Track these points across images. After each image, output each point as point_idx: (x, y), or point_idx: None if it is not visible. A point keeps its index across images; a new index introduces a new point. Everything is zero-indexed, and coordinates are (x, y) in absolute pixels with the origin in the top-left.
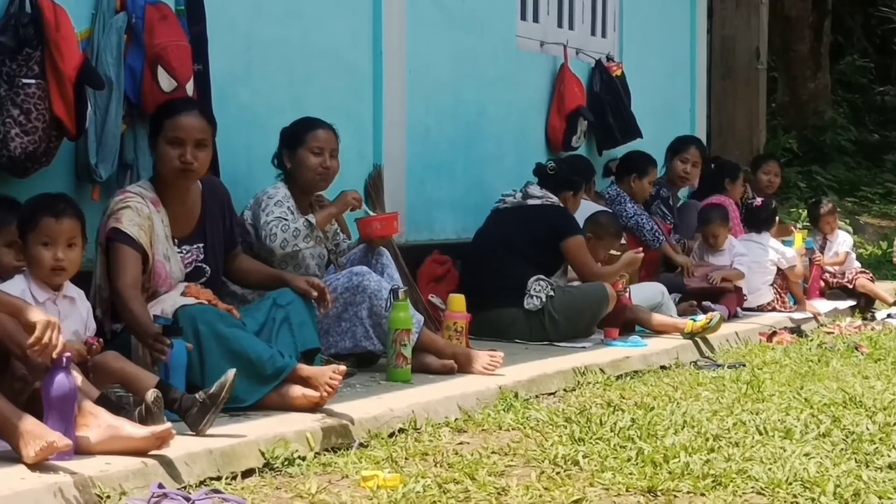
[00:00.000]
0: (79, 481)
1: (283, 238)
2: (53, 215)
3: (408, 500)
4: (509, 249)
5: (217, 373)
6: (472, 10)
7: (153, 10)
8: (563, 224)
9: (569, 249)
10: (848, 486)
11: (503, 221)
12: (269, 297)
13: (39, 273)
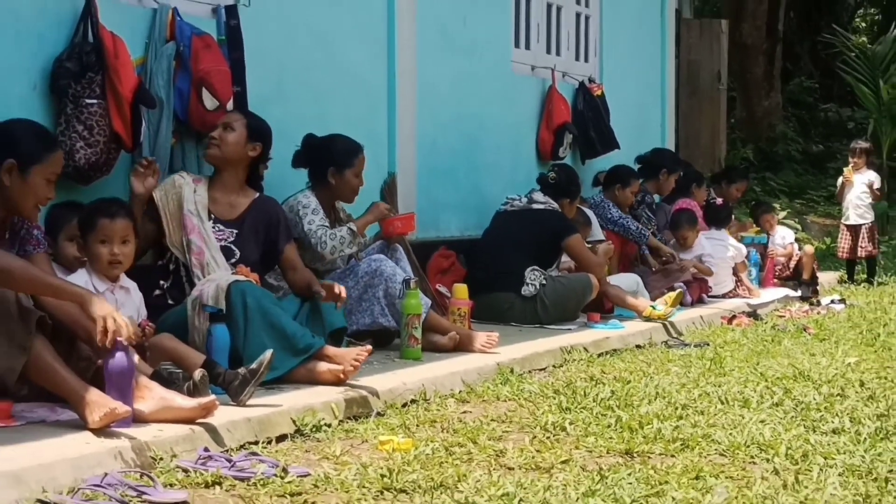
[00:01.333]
0: (136, 446)
1: (333, 245)
2: (109, 216)
3: (419, 461)
4: (514, 246)
5: (257, 340)
6: (473, 38)
7: (198, 39)
8: (563, 226)
9: (570, 247)
10: (798, 448)
11: (509, 222)
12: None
13: (99, 267)
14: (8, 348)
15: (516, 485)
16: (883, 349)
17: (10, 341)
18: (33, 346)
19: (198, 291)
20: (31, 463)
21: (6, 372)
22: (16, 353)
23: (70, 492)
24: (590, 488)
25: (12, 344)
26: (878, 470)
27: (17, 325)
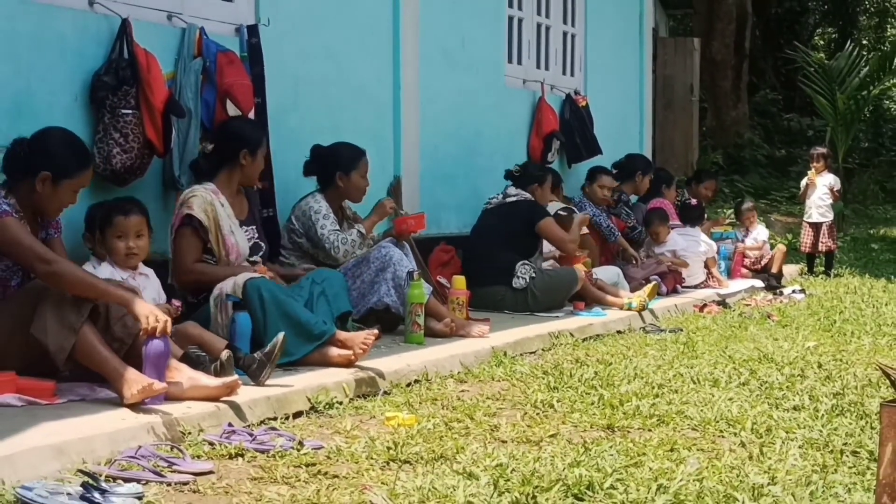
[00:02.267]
0: (167, 421)
1: (345, 249)
2: (123, 214)
3: (421, 435)
4: (497, 240)
5: (275, 330)
6: (470, 55)
7: (223, 56)
8: (534, 212)
9: (542, 230)
10: (762, 423)
11: (491, 219)
12: (309, 277)
13: (117, 259)
14: (59, 330)
15: (509, 456)
16: (839, 334)
17: (60, 324)
18: (82, 329)
19: (219, 289)
20: (72, 437)
21: (57, 351)
22: (66, 335)
23: (107, 463)
24: (575, 459)
25: (63, 326)
26: (834, 443)
27: (69, 310)
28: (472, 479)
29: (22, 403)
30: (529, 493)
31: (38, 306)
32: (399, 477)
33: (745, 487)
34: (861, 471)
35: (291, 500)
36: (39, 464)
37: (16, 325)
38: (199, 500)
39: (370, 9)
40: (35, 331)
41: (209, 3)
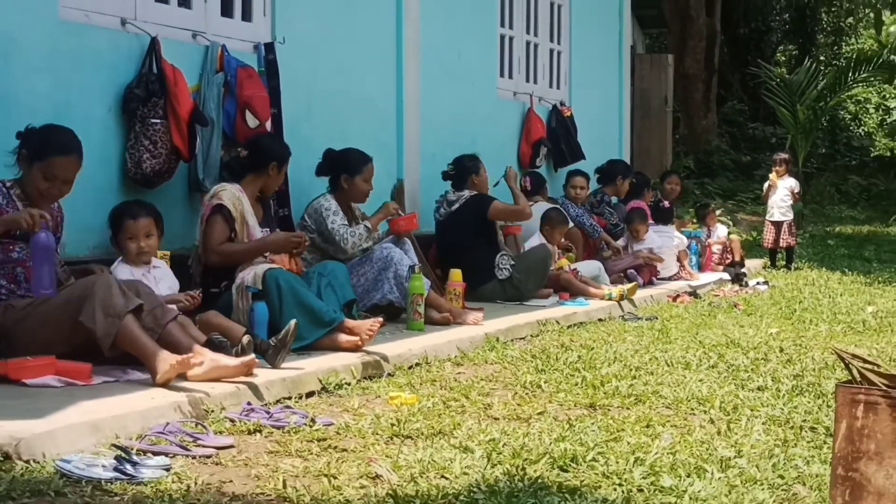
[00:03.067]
0: (192, 400)
1: (353, 242)
2: (132, 217)
3: (422, 412)
4: (468, 244)
5: (290, 316)
6: (466, 69)
7: (242, 71)
8: (481, 204)
9: (494, 214)
10: (729, 402)
11: (448, 229)
12: (315, 269)
13: (130, 258)
14: (105, 318)
15: (501, 432)
16: (799, 322)
17: (106, 314)
18: (125, 318)
19: (240, 279)
20: (106, 414)
21: (104, 336)
22: (112, 323)
23: (138, 438)
24: (561, 435)
25: (108, 315)
26: (794, 419)
27: (116, 301)
28: (468, 452)
29: (61, 384)
30: (519, 465)
31: (86, 298)
32: (402, 451)
33: (713, 460)
34: (818, 445)
35: (304, 472)
36: (77, 439)
37: (63, 315)
38: (221, 472)
39: (375, 28)
40: (84, 319)
41: (230, 23)
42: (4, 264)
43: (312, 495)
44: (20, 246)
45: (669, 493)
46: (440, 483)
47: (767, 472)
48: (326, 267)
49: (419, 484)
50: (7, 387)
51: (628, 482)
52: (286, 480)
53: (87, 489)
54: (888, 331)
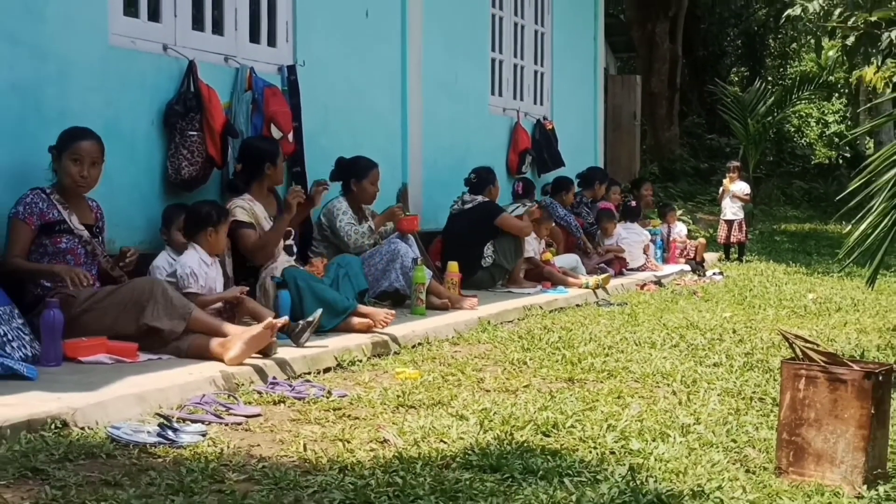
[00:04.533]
0: (224, 375)
1: (355, 238)
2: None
3: (424, 385)
4: (469, 240)
5: (310, 307)
6: (462, 89)
7: (268, 89)
8: (491, 211)
9: (502, 222)
10: (689, 376)
11: (457, 224)
12: (335, 261)
13: (206, 248)
14: (170, 319)
15: (492, 402)
16: (749, 307)
17: (170, 315)
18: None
19: (263, 276)
20: (151, 387)
21: (170, 332)
22: (178, 321)
23: (178, 408)
24: (543, 405)
25: (174, 316)
26: (745, 391)
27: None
28: (463, 420)
29: (111, 361)
30: (508, 431)
31: (148, 302)
32: (406, 419)
33: (675, 426)
34: (766, 413)
35: (322, 437)
36: (125, 409)
37: (123, 313)
38: (250, 437)
39: (383, 53)
40: (148, 319)
41: (257, 48)
42: (55, 255)
43: (329, 457)
44: (66, 237)
45: (638, 455)
46: (439, 446)
47: (722, 437)
48: (344, 259)
49: (421, 447)
50: (64, 364)
51: (602, 445)
52: (306, 444)
53: (134, 452)
54: (826, 315)
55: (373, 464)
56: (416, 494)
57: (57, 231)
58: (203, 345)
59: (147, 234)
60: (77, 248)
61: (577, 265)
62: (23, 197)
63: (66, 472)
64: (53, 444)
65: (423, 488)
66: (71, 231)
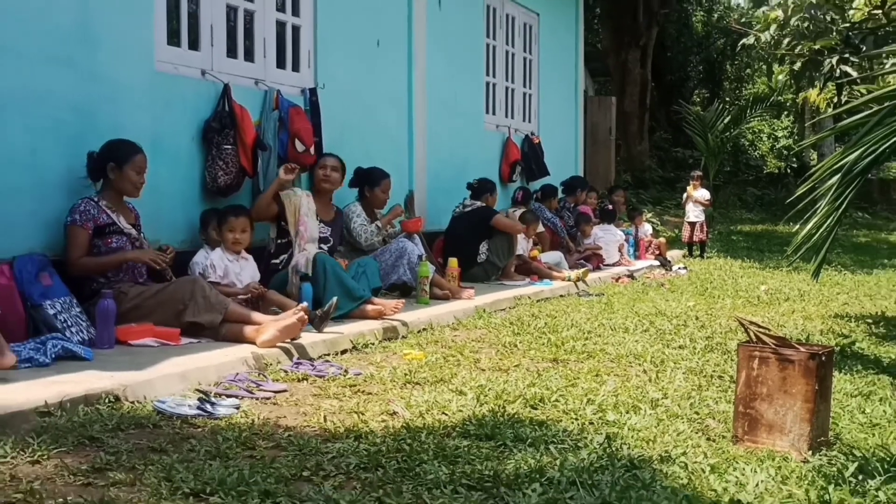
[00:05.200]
0: (255, 356)
1: (365, 237)
2: (234, 215)
3: (428, 365)
4: (468, 239)
5: (331, 291)
6: (461, 108)
7: (293, 109)
8: (487, 214)
9: (496, 223)
10: (658, 357)
11: (458, 224)
12: (356, 262)
13: (227, 246)
14: (208, 313)
15: (487, 380)
16: (710, 297)
17: (209, 311)
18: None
19: (295, 260)
20: (191, 367)
21: (209, 324)
22: (216, 314)
23: (215, 384)
24: (531, 382)
25: (212, 311)
26: (706, 370)
27: (213, 298)
28: (462, 395)
29: (157, 344)
30: (501, 405)
31: (190, 300)
32: (413, 394)
33: (646, 400)
34: (724, 389)
35: (340, 410)
36: (169, 385)
37: (168, 309)
38: (278, 410)
39: (392, 76)
40: (189, 317)
41: (283, 73)
42: (108, 254)
43: (346, 427)
44: (116, 237)
45: (613, 426)
46: (442, 418)
47: (686, 410)
48: (364, 261)
49: (426, 419)
50: (116, 347)
51: (582, 417)
52: (326, 416)
53: (177, 423)
54: (776, 304)
55: (384, 433)
56: (421, 459)
57: (108, 233)
58: (237, 331)
59: (187, 234)
60: (126, 246)
61: (560, 261)
62: (76, 206)
63: (118, 440)
64: (107, 416)
65: (428, 454)
66: (121, 231)
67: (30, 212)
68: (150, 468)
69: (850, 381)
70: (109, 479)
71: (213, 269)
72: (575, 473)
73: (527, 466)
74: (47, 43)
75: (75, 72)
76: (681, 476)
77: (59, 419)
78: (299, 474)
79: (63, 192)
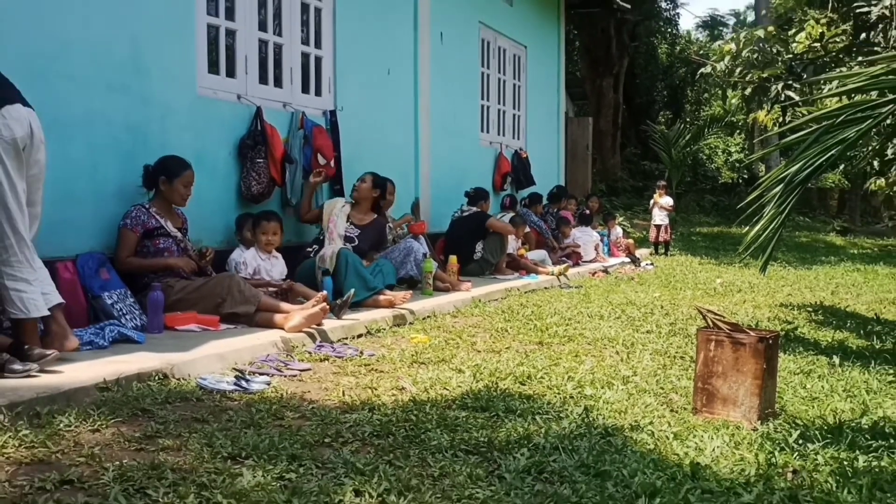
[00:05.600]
0: (283, 339)
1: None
2: (267, 220)
3: (432, 347)
4: (466, 240)
5: (350, 281)
6: (460, 127)
7: (316, 128)
8: (483, 217)
9: (490, 226)
10: (629, 340)
11: (457, 227)
12: (377, 261)
13: (261, 246)
14: (244, 304)
15: (482, 360)
16: (673, 289)
17: (245, 303)
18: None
19: (322, 252)
20: (229, 349)
21: (245, 314)
22: (250, 305)
23: (250, 363)
24: (520, 361)
25: (247, 303)
26: (670, 352)
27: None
28: (461, 372)
29: (200, 330)
30: (494, 381)
31: (227, 294)
32: (419, 372)
33: (618, 377)
34: (686, 368)
35: (356, 385)
36: (210, 365)
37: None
38: (303, 386)
39: (400, 100)
40: (227, 309)
41: (307, 97)
42: (157, 253)
43: (362, 400)
44: (163, 239)
45: (590, 399)
46: (443, 392)
47: (653, 386)
48: (383, 261)
49: (430, 393)
50: (165, 332)
51: (564, 392)
52: (345, 391)
53: (217, 397)
54: (730, 295)
55: (394, 405)
56: (426, 427)
57: (156, 235)
58: (268, 318)
59: (225, 236)
60: (172, 246)
61: (545, 258)
62: (129, 212)
63: (167, 412)
64: (157, 391)
65: (431, 423)
66: (168, 234)
67: (90, 216)
68: (193, 436)
69: (793, 361)
70: (159, 444)
71: (246, 265)
72: (557, 440)
73: (516, 434)
74: (106, 72)
75: (128, 97)
76: (648, 442)
77: (115, 394)
78: (321, 441)
79: (118, 200)
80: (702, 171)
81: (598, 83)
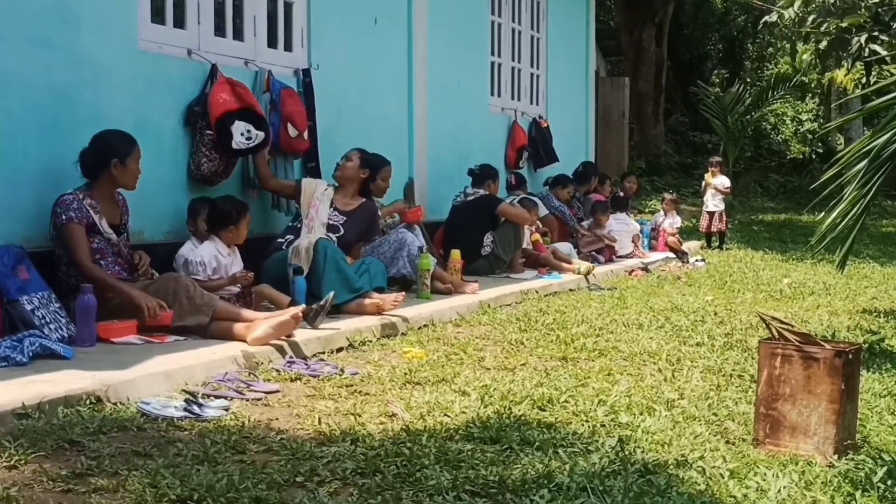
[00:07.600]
0: (245, 355)
1: None
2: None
3: (429, 364)
4: (470, 229)
5: (329, 279)
6: (464, 91)
7: (285, 91)
8: (492, 202)
9: (502, 211)
10: (674, 355)
11: (460, 215)
12: (364, 260)
13: (224, 240)
14: (194, 315)
15: (492, 379)
16: (729, 291)
17: (195, 312)
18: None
19: (296, 244)
20: (177, 366)
21: (196, 326)
22: (202, 316)
23: (203, 384)
24: (539, 381)
25: (199, 313)
26: (725, 369)
27: (199, 299)
28: (465, 395)
29: (141, 342)
30: (506, 406)
31: (172, 303)
32: (413, 394)
33: (661, 401)
34: (745, 389)
35: (335, 411)
36: (154, 385)
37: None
38: (269, 412)
39: (391, 57)
40: (175, 320)
41: (275, 53)
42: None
43: (342, 430)
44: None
45: (626, 428)
46: (444, 420)
47: (704, 411)
48: (370, 259)
49: (427, 421)
50: (98, 344)
51: (593, 419)
52: (321, 418)
53: (163, 425)
54: (800, 298)
55: (382, 436)
56: (422, 464)
57: (90, 233)
58: (226, 328)
59: (174, 224)
60: (105, 248)
61: (570, 251)
62: (65, 201)
63: (100, 444)
64: (88, 418)
65: (429, 458)
66: (100, 233)
67: (5, 200)
68: (133, 473)
69: (878, 381)
70: (91, 485)
71: (205, 266)
72: (585, 479)
73: (534, 471)
74: (25, 22)
75: (52, 52)
76: (698, 482)
77: (37, 421)
78: (292, 480)
79: (40, 180)
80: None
81: (636, 35)
